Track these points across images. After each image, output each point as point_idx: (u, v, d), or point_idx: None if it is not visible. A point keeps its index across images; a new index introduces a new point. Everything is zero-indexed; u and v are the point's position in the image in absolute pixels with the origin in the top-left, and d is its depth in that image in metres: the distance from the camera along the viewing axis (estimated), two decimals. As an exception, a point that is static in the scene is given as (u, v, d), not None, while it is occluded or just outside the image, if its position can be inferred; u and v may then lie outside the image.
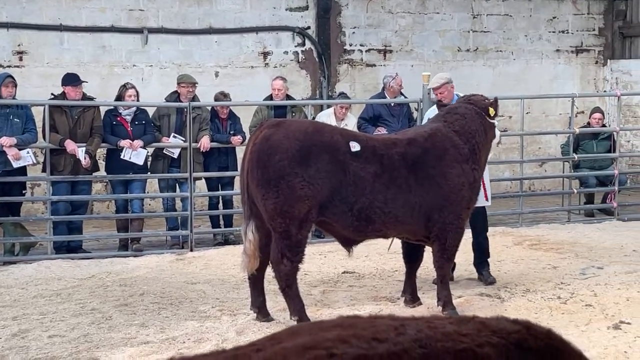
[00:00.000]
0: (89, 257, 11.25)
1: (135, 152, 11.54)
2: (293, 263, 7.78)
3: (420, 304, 8.63)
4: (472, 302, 8.72)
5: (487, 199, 9.66)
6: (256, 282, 8.15)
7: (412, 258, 8.72)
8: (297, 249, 7.76)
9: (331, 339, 1.60)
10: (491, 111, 8.68)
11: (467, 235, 9.40)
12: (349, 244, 8.29)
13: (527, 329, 1.70)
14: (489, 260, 9.74)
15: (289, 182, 7.58)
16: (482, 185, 9.32)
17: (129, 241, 11.92)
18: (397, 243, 11.16)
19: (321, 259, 10.95)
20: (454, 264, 9.67)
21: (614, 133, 14.37)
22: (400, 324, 1.66)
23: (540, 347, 1.69)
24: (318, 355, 1.57)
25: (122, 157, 11.54)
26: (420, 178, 8.04)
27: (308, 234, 8.06)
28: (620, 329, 7.63)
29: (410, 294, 8.66)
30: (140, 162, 11.66)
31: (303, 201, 7.62)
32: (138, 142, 11.58)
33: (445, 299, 8.33)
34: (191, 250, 11.64)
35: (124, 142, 11.52)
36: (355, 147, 7.85)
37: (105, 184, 14.11)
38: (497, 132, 9.43)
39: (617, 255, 10.95)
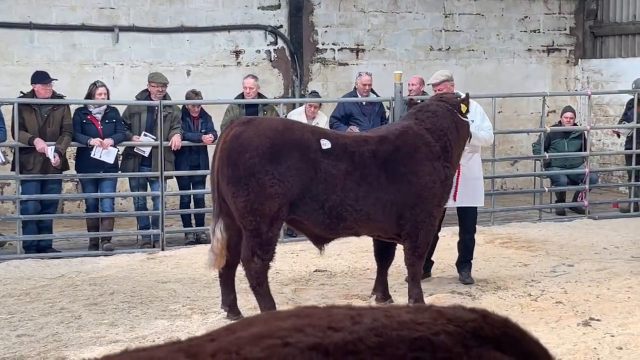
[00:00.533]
0: (58, 257, 11.15)
1: (105, 151, 11.46)
2: (264, 261, 7.76)
3: (392, 302, 8.62)
4: (444, 300, 8.71)
5: (455, 199, 9.57)
6: (227, 280, 8.12)
7: (383, 256, 8.71)
8: (267, 247, 7.74)
9: (286, 328, 1.59)
10: (463, 107, 8.69)
11: (447, 233, 9.50)
12: (320, 242, 8.28)
13: (484, 318, 1.69)
14: (471, 261, 9.72)
15: (259, 179, 7.56)
16: (470, 185, 9.39)
17: (100, 240, 11.84)
18: (369, 241, 11.18)
19: (293, 257, 10.92)
20: (432, 261, 9.69)
21: (585, 132, 14.46)
22: (357, 314, 1.64)
23: (497, 335, 1.68)
24: (272, 344, 1.56)
25: (92, 155, 11.46)
26: (392, 176, 8.04)
27: (279, 232, 8.05)
28: (590, 325, 7.68)
29: (382, 292, 8.66)
30: (111, 160, 11.58)
31: (273, 199, 7.59)
32: (108, 141, 11.50)
33: (416, 297, 8.33)
34: (162, 250, 11.57)
35: (94, 141, 11.43)
36: (326, 144, 7.84)
37: (75, 183, 14.01)
38: (489, 134, 9.46)
39: (588, 253, 11.01)
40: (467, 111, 8.72)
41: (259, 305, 7.94)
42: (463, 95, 8.98)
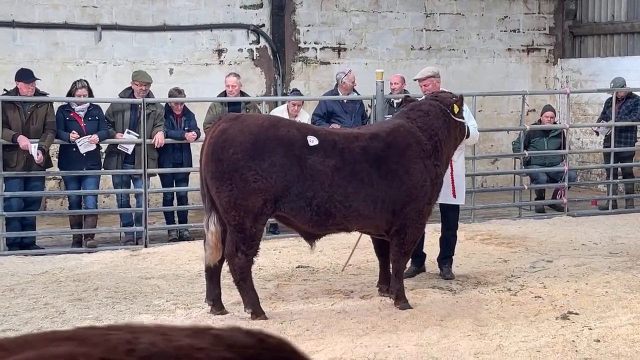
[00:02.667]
0: (42, 254, 11.20)
1: (85, 142, 11.49)
2: (247, 256, 7.84)
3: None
4: (425, 295, 8.84)
5: (455, 197, 9.69)
6: (213, 274, 8.19)
7: (383, 252, 8.77)
8: (251, 242, 7.81)
9: (58, 356, 1.58)
10: (455, 108, 8.77)
11: (429, 230, 9.59)
12: (311, 238, 8.37)
13: (260, 342, 1.70)
14: (452, 257, 9.83)
15: (243, 175, 7.64)
16: (455, 183, 9.48)
17: (83, 237, 11.87)
18: (351, 238, 11.29)
19: (275, 254, 11.01)
20: (424, 254, 9.78)
21: (564, 130, 14.62)
22: (135, 337, 1.65)
23: None
24: None
25: (79, 146, 11.49)
26: (383, 173, 8.12)
27: (263, 227, 8.12)
28: (569, 319, 7.81)
29: (386, 285, 8.74)
30: (93, 147, 11.57)
31: (257, 194, 7.67)
32: (94, 137, 11.54)
33: (398, 292, 8.42)
34: (145, 247, 11.62)
35: (74, 136, 11.45)
36: (313, 141, 7.91)
37: (58, 181, 14.05)
38: (475, 132, 9.54)
39: (567, 249, 11.15)
40: (460, 111, 8.81)
41: (242, 300, 8.02)
42: (453, 95, 9.06)
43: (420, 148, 8.35)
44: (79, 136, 11.47)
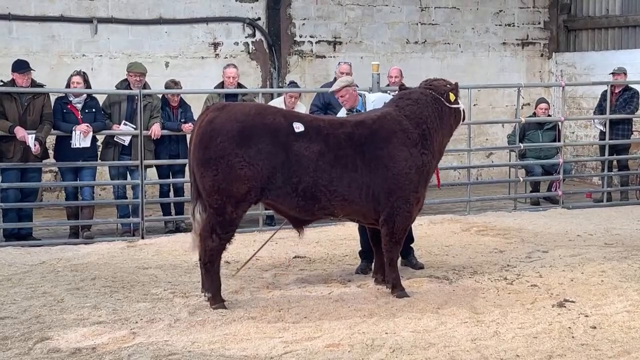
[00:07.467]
0: (39, 245, 11.21)
1: (82, 137, 11.52)
2: (222, 240, 7.86)
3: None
4: (421, 284, 8.87)
5: (437, 185, 9.75)
6: (207, 264, 8.20)
7: (378, 240, 8.79)
8: (228, 227, 7.84)
9: None
10: (451, 96, 8.79)
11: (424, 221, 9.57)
12: (299, 224, 8.40)
13: None
14: (412, 246, 9.86)
15: (229, 161, 7.67)
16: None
17: (80, 229, 11.88)
18: (346, 229, 11.34)
19: (272, 245, 11.00)
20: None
21: (559, 123, 14.67)
22: None
23: None
24: None
25: (72, 146, 11.51)
26: (367, 159, 8.13)
27: (243, 214, 8.05)
28: (565, 306, 7.85)
29: (382, 274, 8.77)
30: (88, 144, 11.59)
31: (242, 181, 7.70)
32: (88, 127, 11.55)
33: (394, 282, 8.45)
34: (142, 238, 11.64)
35: (80, 127, 11.48)
36: (299, 127, 7.95)
37: (54, 174, 14.06)
38: None
39: (562, 240, 11.20)
40: (456, 99, 8.83)
41: (204, 283, 8.01)
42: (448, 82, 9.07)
43: (405, 136, 8.34)
44: (85, 128, 11.51)
